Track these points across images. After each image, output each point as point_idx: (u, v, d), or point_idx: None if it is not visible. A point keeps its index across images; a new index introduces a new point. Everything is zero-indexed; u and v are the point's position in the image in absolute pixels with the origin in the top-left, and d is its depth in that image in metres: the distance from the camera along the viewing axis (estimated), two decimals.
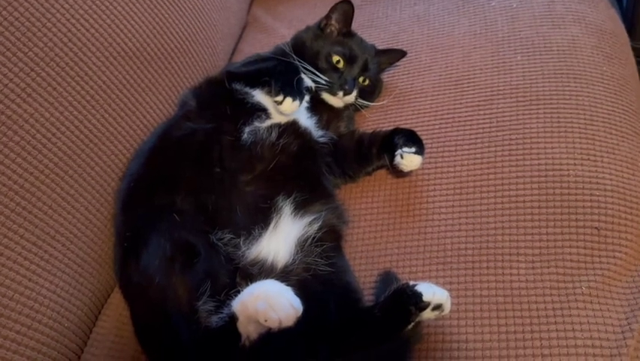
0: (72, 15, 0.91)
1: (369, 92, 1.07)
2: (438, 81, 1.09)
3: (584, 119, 0.95)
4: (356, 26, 1.31)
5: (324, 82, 0.99)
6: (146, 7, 1.06)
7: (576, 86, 1.00)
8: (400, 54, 1.11)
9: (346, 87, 0.99)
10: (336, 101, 1.01)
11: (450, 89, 1.07)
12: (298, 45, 1.06)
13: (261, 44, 1.39)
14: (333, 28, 1.07)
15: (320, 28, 1.08)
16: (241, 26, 1.45)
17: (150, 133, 1.02)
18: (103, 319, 0.92)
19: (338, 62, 1.01)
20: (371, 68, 1.05)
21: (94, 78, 0.94)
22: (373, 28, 1.29)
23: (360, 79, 1.04)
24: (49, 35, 0.87)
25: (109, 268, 0.94)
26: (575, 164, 0.90)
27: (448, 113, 1.03)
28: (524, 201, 0.87)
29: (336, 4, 1.06)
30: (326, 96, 1.01)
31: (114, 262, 0.91)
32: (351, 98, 1.01)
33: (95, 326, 0.91)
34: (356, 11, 1.36)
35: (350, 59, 1.02)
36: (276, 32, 1.41)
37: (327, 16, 1.07)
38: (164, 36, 1.09)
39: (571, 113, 0.96)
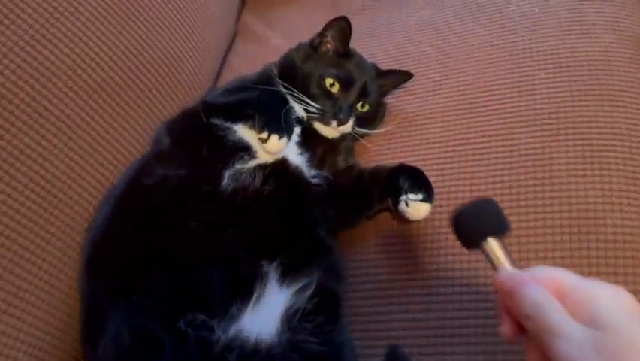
0: (21, 47, 0.78)
1: (370, 119, 0.93)
2: (449, 104, 0.95)
3: (622, 152, 0.81)
4: (356, 35, 1.17)
5: (315, 110, 0.86)
6: (112, 30, 0.92)
7: (611, 110, 0.85)
8: (406, 76, 0.97)
9: (340, 116, 0.85)
10: (330, 131, 0.87)
11: (462, 114, 0.93)
12: (288, 66, 0.93)
13: (252, 56, 1.26)
14: (328, 47, 0.93)
15: (313, 46, 0.94)
16: (230, 36, 1.31)
17: (121, 173, 0.90)
18: None
19: (332, 85, 0.88)
20: (371, 92, 0.91)
21: (51, 119, 0.81)
22: (376, 37, 1.15)
23: (358, 105, 0.90)
24: None
25: (75, 334, 0.82)
26: (612, 210, 0.76)
27: (460, 144, 0.89)
28: (553, 258, 0.74)
29: (331, 20, 0.92)
30: (318, 126, 0.87)
31: (80, 329, 0.80)
32: (346, 127, 0.87)
33: None
34: (357, 17, 1.23)
35: (346, 83, 0.89)
36: (269, 42, 1.27)
37: (321, 34, 0.93)
38: (135, 61, 0.95)
39: (606, 144, 0.82)
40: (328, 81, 0.88)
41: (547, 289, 0.45)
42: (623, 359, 0.39)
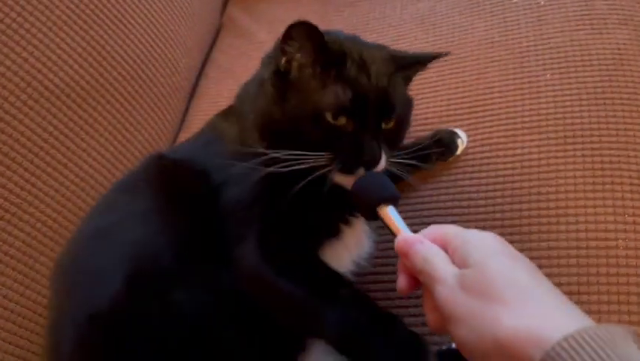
0: None
1: (400, 134, 0.65)
2: (445, 108, 0.87)
3: (636, 163, 0.73)
4: (347, 30, 1.08)
5: (327, 162, 0.58)
6: (76, 28, 0.85)
7: (624, 116, 0.77)
8: (433, 57, 0.68)
9: (366, 158, 0.58)
10: None
11: (460, 119, 0.85)
12: (264, 123, 0.62)
13: (238, 52, 1.18)
14: (300, 64, 0.59)
15: (279, 73, 0.61)
16: (214, 30, 1.23)
17: (96, 205, 0.72)
18: None
19: (337, 118, 0.57)
20: (395, 98, 0.61)
21: (6, 130, 0.75)
22: (368, 32, 1.06)
23: (383, 124, 0.60)
24: None
25: None
26: (625, 230, 0.68)
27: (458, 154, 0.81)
28: (560, 284, 0.66)
29: (288, 29, 0.57)
30: (340, 179, 0.60)
31: None
32: (380, 166, 0.59)
33: None
34: (348, 10, 1.15)
35: (356, 105, 0.58)
36: (255, 37, 1.19)
37: (282, 50, 0.59)
38: (103, 62, 0.88)
39: (619, 155, 0.74)
40: (329, 116, 0.57)
41: (436, 244, 0.48)
42: (482, 289, 0.41)
